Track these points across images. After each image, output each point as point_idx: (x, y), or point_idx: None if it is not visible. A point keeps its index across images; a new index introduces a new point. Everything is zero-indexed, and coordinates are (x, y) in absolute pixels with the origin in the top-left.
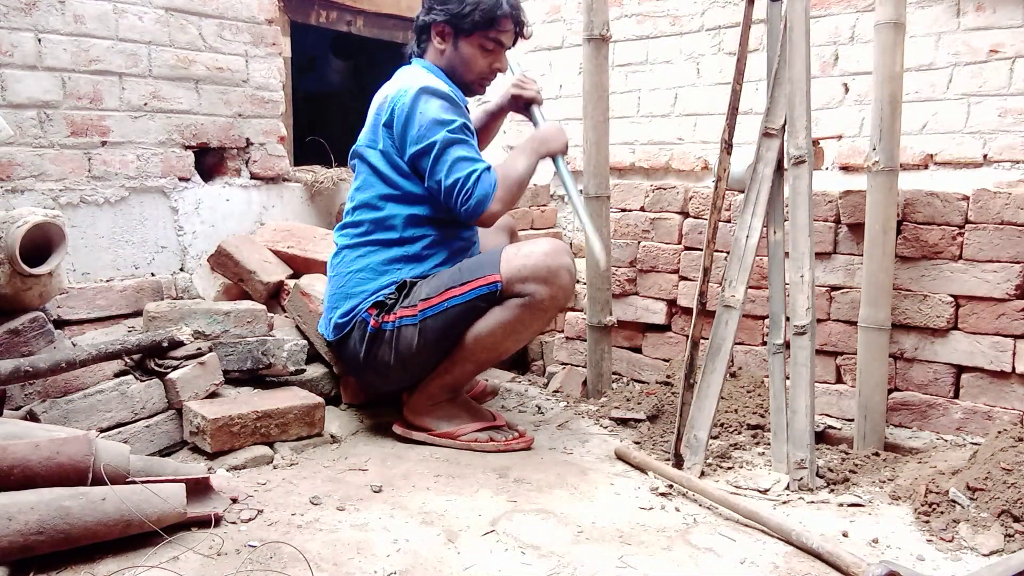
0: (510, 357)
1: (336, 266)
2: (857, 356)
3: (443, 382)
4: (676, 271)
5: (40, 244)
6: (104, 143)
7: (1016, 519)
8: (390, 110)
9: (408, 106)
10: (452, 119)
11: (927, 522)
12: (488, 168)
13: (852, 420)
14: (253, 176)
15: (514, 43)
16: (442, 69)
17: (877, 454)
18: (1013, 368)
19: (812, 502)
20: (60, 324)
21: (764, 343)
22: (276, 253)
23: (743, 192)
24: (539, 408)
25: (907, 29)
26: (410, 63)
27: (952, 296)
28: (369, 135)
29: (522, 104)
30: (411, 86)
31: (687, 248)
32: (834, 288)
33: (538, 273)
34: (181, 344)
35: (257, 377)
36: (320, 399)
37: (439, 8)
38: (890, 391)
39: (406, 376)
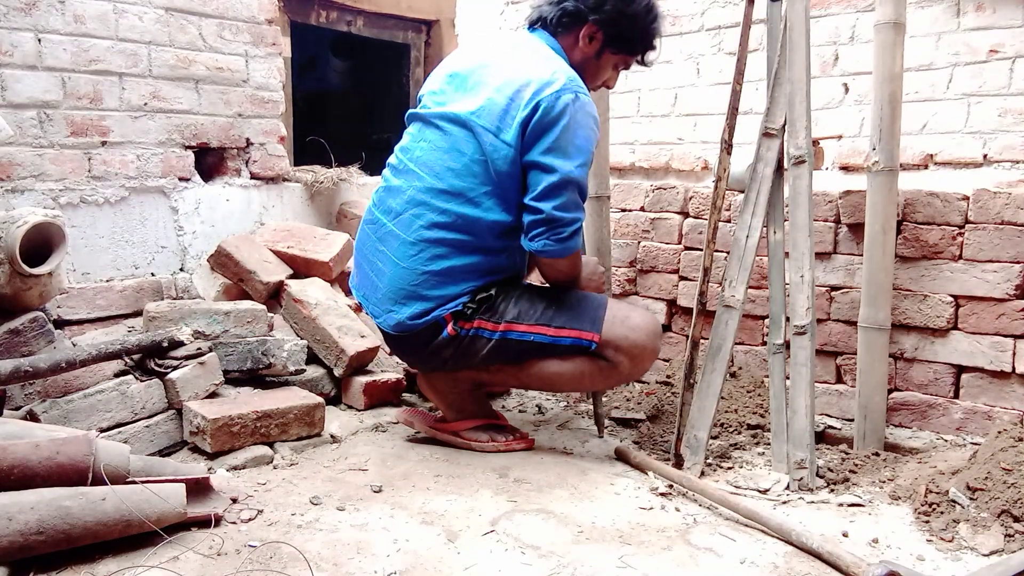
0: None
1: (410, 258)
2: (857, 356)
3: (478, 377)
4: (676, 271)
5: (40, 244)
6: (104, 143)
7: (1016, 519)
8: (533, 106)
9: (558, 112)
10: (590, 150)
11: (927, 522)
12: (583, 226)
13: (852, 420)
14: (253, 176)
15: None
16: (572, 63)
17: (877, 454)
18: (1013, 368)
19: (812, 502)
20: (60, 324)
21: (764, 343)
22: (276, 253)
23: (743, 192)
24: (539, 408)
25: (907, 29)
26: (539, 32)
27: (952, 296)
28: (495, 120)
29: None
30: (563, 86)
31: (687, 248)
32: (834, 288)
33: (634, 351)
34: (181, 344)
35: (257, 377)
36: (320, 399)
37: (607, 13)
38: (890, 391)
39: (451, 368)
